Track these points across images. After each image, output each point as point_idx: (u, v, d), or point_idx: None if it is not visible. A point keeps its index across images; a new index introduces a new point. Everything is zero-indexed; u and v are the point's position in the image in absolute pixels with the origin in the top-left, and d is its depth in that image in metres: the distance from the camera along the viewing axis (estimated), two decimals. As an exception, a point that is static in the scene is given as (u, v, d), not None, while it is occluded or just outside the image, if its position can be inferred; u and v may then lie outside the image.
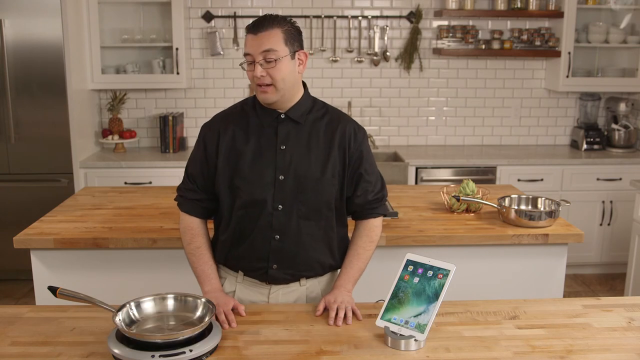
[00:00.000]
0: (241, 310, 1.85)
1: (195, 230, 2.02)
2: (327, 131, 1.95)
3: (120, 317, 1.63)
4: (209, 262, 2.01)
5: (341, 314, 1.81)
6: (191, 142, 4.76)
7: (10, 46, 4.04)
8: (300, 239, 1.93)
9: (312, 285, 2.03)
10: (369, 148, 2.02)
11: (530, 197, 2.89)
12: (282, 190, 1.90)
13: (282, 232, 1.92)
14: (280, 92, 1.85)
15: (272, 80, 1.82)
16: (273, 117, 1.93)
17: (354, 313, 1.84)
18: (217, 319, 1.78)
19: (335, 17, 4.66)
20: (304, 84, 1.98)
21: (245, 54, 1.84)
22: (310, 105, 1.97)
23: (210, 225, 2.09)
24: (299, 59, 1.88)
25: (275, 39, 1.80)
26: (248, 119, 1.95)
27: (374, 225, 2.05)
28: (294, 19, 1.91)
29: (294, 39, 1.85)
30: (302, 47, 1.89)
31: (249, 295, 2.02)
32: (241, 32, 4.68)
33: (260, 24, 1.82)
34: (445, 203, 2.93)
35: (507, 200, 2.82)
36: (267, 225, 1.92)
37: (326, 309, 1.87)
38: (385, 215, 2.09)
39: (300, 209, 1.92)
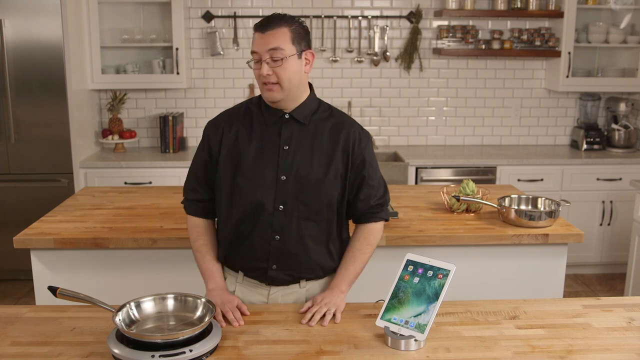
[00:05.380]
0: (245, 310, 1.85)
1: (200, 228, 2.03)
2: (332, 133, 1.94)
3: (120, 317, 1.63)
4: (213, 260, 2.02)
5: (317, 316, 1.79)
6: (191, 142, 4.77)
7: (10, 46, 4.04)
8: (301, 240, 1.93)
9: (311, 288, 2.02)
10: (372, 153, 2.01)
11: (530, 197, 2.89)
12: (284, 190, 1.90)
13: (282, 232, 1.92)
14: (285, 91, 1.85)
15: (278, 79, 1.82)
16: (277, 116, 1.93)
17: (335, 316, 1.81)
18: (225, 319, 1.79)
19: (335, 17, 4.66)
20: (311, 86, 1.97)
21: (252, 52, 1.84)
22: (316, 107, 1.97)
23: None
24: (305, 58, 1.88)
25: (282, 38, 1.80)
26: (252, 118, 1.95)
27: (374, 229, 2.03)
28: (302, 19, 1.90)
29: (301, 38, 1.85)
30: (309, 47, 1.89)
31: (248, 296, 2.01)
32: (241, 32, 4.68)
33: (268, 23, 1.82)
34: (445, 203, 2.93)
35: (507, 200, 2.82)
36: (267, 226, 1.92)
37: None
38: (386, 220, 2.08)
39: (301, 210, 1.91)
